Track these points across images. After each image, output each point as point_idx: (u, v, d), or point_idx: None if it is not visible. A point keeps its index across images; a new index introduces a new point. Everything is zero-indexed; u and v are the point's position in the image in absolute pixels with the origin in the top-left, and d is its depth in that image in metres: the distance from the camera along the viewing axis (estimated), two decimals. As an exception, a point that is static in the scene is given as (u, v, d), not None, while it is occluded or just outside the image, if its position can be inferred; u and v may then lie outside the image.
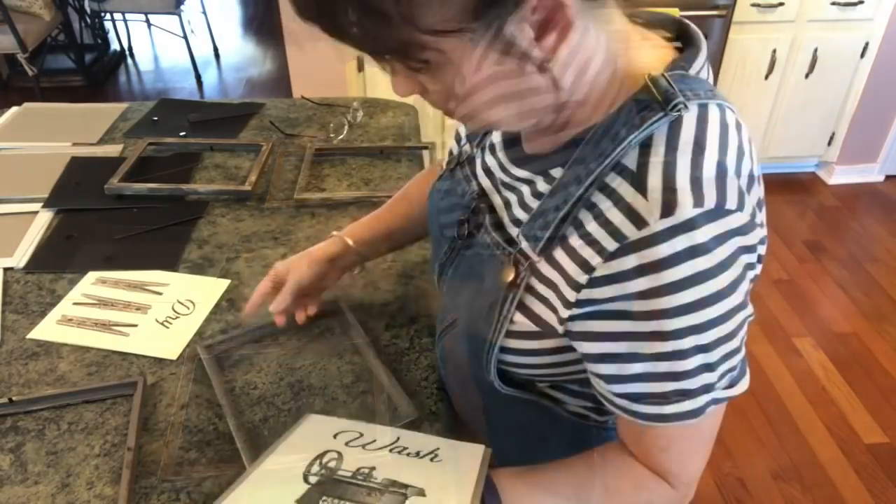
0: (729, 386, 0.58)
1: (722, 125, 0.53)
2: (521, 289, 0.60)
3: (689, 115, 0.52)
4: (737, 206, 0.51)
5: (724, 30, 2.64)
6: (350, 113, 1.54)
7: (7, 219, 1.23)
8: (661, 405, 0.56)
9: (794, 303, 2.48)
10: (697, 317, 0.51)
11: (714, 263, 0.50)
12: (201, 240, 1.18)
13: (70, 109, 1.62)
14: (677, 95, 0.51)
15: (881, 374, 2.20)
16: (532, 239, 0.59)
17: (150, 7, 4.04)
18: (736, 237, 0.51)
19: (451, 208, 0.73)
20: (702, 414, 0.57)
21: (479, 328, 0.64)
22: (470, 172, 0.72)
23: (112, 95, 4.10)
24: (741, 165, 0.53)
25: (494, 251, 0.63)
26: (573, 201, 0.55)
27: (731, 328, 0.54)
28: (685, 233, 0.49)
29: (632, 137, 0.52)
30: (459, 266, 0.70)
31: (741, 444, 1.97)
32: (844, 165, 3.12)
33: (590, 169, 0.54)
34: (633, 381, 0.56)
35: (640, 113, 0.52)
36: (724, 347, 0.54)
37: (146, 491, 0.77)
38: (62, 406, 0.87)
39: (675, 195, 0.49)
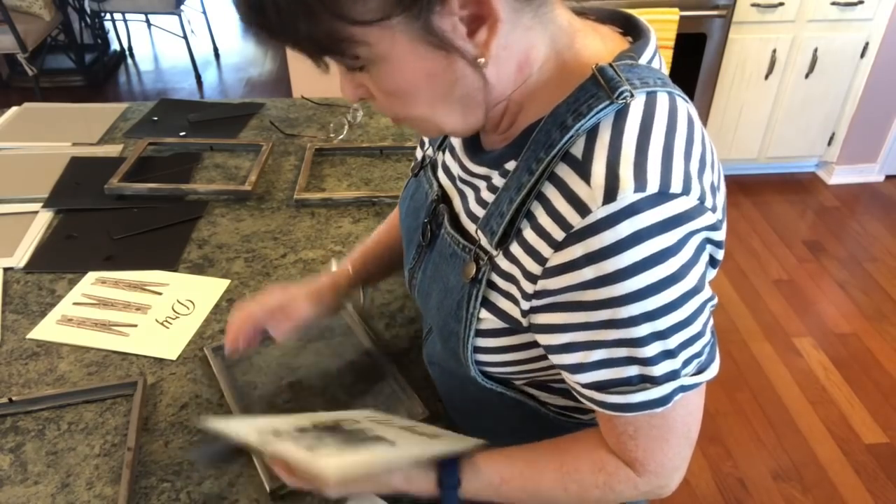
0: (697, 372, 0.58)
1: (671, 111, 0.54)
2: (482, 284, 0.60)
3: (637, 102, 0.53)
4: (682, 189, 0.50)
5: (724, 30, 2.64)
6: (350, 113, 1.54)
7: (7, 219, 1.23)
8: (626, 394, 0.56)
9: (794, 303, 2.48)
10: (649, 303, 0.51)
11: (660, 248, 0.50)
12: (201, 240, 1.18)
13: (70, 109, 1.62)
14: (623, 83, 0.52)
15: (881, 374, 2.20)
16: (489, 233, 0.59)
17: (150, 7, 4.04)
18: (683, 222, 0.51)
19: (415, 212, 0.73)
20: (669, 402, 0.57)
21: (451, 327, 0.65)
22: (432, 175, 0.73)
23: (112, 95, 4.10)
24: (690, 150, 0.53)
25: (455, 249, 0.64)
26: (525, 193, 0.55)
27: (687, 314, 0.53)
28: (627, 218, 0.49)
29: (578, 126, 0.52)
30: (426, 269, 0.70)
31: (741, 444, 1.97)
32: (844, 165, 3.12)
33: (539, 159, 0.54)
34: (595, 368, 0.56)
35: (587, 101, 0.52)
36: (683, 334, 0.54)
37: (146, 491, 0.77)
38: (62, 406, 0.87)
39: (618, 181, 0.49)
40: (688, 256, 0.52)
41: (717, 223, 0.54)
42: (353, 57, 0.51)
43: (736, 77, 2.82)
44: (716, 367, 0.59)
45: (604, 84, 0.52)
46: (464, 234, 0.64)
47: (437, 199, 0.69)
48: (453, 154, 0.69)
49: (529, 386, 0.71)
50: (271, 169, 1.37)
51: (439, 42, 0.50)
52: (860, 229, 2.87)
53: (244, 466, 0.79)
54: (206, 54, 4.54)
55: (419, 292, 0.73)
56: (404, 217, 0.78)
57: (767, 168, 3.21)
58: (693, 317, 0.54)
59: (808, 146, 3.06)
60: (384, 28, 0.49)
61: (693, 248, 0.52)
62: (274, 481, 0.76)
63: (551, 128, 0.54)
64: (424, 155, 0.77)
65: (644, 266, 0.50)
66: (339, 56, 0.52)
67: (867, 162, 3.13)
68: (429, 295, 0.70)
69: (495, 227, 0.58)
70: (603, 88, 0.52)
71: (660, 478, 0.63)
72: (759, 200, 3.05)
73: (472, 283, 0.61)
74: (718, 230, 0.54)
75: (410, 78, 0.53)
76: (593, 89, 0.53)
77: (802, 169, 3.25)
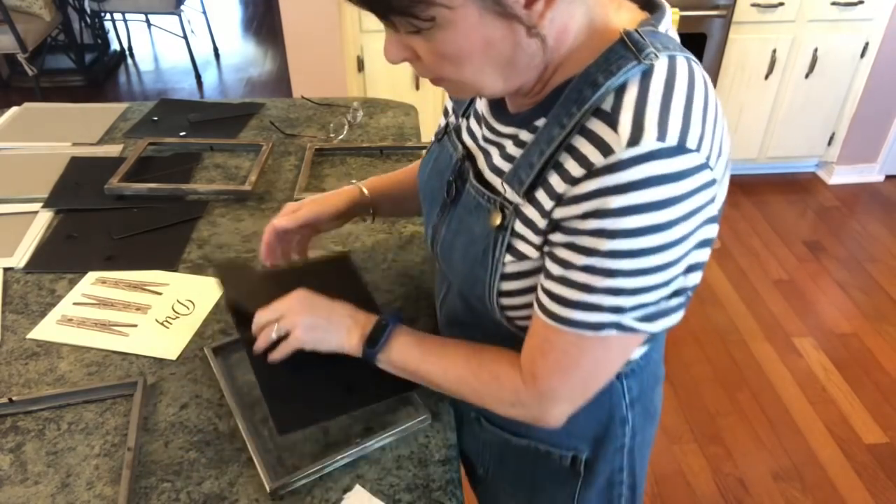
0: (643, 320, 0.61)
1: (690, 74, 0.59)
2: (507, 232, 0.65)
3: (660, 63, 0.58)
4: (696, 146, 0.56)
5: (724, 30, 2.64)
6: (350, 113, 1.54)
7: (7, 219, 1.23)
8: (570, 310, 0.61)
9: (794, 303, 2.48)
10: (635, 242, 0.56)
11: (665, 196, 0.55)
12: (201, 240, 1.18)
13: (70, 109, 1.62)
14: (648, 46, 0.57)
15: (881, 374, 2.20)
16: (516, 183, 0.64)
17: (150, 7, 4.04)
18: (689, 175, 0.55)
19: (439, 174, 0.78)
20: (600, 330, 0.61)
21: (477, 274, 0.70)
22: (456, 139, 0.77)
23: (112, 95, 4.10)
24: (706, 111, 0.58)
25: (480, 201, 0.69)
26: (556, 145, 0.60)
27: (660, 261, 0.57)
28: (646, 162, 0.54)
29: (609, 83, 0.57)
30: (451, 223, 0.74)
31: (741, 444, 1.97)
32: (844, 165, 3.12)
33: (571, 114, 0.59)
34: (557, 283, 0.61)
35: (616, 62, 0.58)
36: (648, 279, 0.58)
37: (146, 491, 0.77)
38: (62, 406, 0.87)
39: (642, 130, 0.54)
40: (684, 211, 0.56)
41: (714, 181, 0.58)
42: (428, 19, 0.55)
43: (736, 77, 2.82)
44: (662, 324, 0.62)
45: (631, 46, 0.57)
46: (488, 187, 0.68)
47: (462, 158, 0.74)
48: (477, 118, 0.74)
49: None
50: (271, 169, 1.37)
51: (503, 11, 0.55)
52: (860, 229, 2.87)
53: (244, 466, 0.79)
54: (206, 54, 4.54)
55: (442, 246, 0.77)
56: (426, 179, 0.81)
57: (767, 168, 3.21)
58: (664, 266, 0.58)
59: (808, 146, 3.06)
60: None
61: (692, 205, 0.56)
62: (274, 481, 0.76)
63: (583, 86, 0.59)
64: (448, 122, 0.82)
65: (643, 209, 0.55)
66: (413, 17, 0.55)
67: (867, 162, 3.13)
68: (452, 247, 0.74)
69: (523, 177, 0.63)
70: (631, 50, 0.57)
71: (543, 400, 0.68)
72: (759, 200, 3.05)
73: (497, 230, 0.66)
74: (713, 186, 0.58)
75: (471, 43, 0.57)
76: (622, 51, 0.58)
77: (802, 169, 3.25)
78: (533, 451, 0.84)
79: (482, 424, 0.88)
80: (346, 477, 0.79)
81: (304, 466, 0.78)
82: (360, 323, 0.79)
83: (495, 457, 0.90)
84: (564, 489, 0.86)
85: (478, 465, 0.94)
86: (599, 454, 0.82)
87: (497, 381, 0.71)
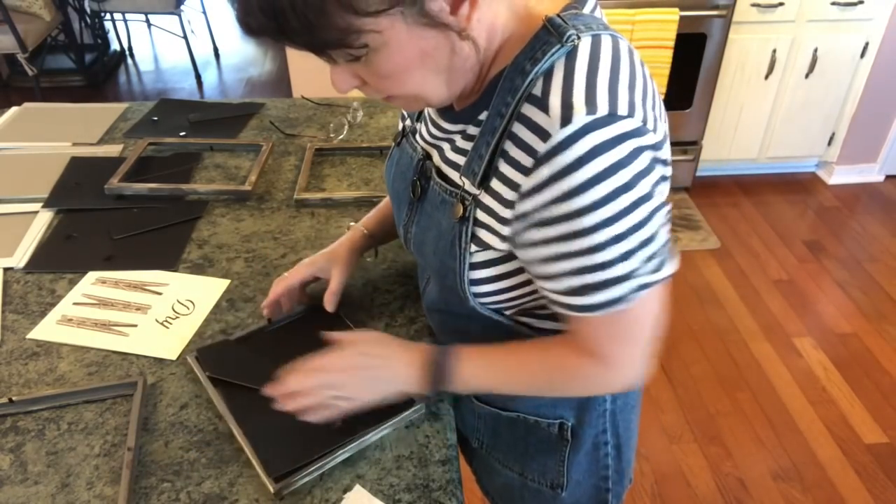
0: (655, 271, 0.64)
1: (614, 49, 0.61)
2: (469, 222, 0.68)
3: (584, 44, 0.60)
4: (628, 112, 0.58)
5: (724, 30, 2.64)
6: (350, 113, 1.54)
7: (7, 219, 1.23)
8: (591, 294, 0.64)
9: (794, 303, 2.48)
10: (608, 210, 0.59)
11: (613, 161, 0.57)
12: (201, 240, 1.18)
13: (70, 109, 1.62)
14: (570, 28, 0.60)
15: (881, 374, 2.20)
16: (470, 175, 0.67)
17: (150, 7, 4.04)
18: (631, 137, 0.58)
19: (402, 175, 0.81)
20: (630, 300, 0.64)
21: (448, 265, 0.73)
22: (414, 140, 0.80)
23: (112, 95, 4.10)
24: (634, 82, 0.60)
25: (444, 196, 0.72)
26: (499, 134, 0.63)
27: (641, 216, 0.60)
28: (583, 136, 0.57)
29: (537, 69, 0.60)
30: (420, 220, 0.77)
31: (741, 444, 1.97)
32: (844, 165, 3.12)
33: (507, 103, 0.62)
34: (565, 276, 0.64)
35: (541, 48, 0.61)
36: (638, 235, 0.61)
37: (146, 491, 0.77)
38: (62, 406, 0.87)
39: (572, 108, 0.57)
40: (638, 168, 0.59)
41: (659, 143, 0.61)
42: (362, 46, 0.57)
43: (736, 77, 2.82)
44: (671, 266, 0.66)
45: (553, 31, 0.60)
46: (448, 182, 0.72)
47: (422, 158, 0.77)
48: (428, 119, 0.77)
49: (520, 314, 0.78)
50: (271, 169, 1.37)
51: (432, 22, 0.57)
52: (860, 229, 2.87)
53: (244, 466, 0.79)
54: (206, 54, 4.54)
55: (415, 243, 0.80)
56: (392, 182, 0.84)
57: (767, 168, 3.21)
58: (646, 220, 0.61)
59: (808, 146, 3.06)
60: (389, 15, 0.55)
61: (644, 162, 0.60)
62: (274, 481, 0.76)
63: (514, 75, 0.62)
64: (405, 126, 0.85)
65: (601, 178, 0.58)
66: (348, 48, 0.57)
67: (867, 162, 3.13)
68: (424, 242, 0.77)
69: (476, 169, 0.66)
70: (553, 35, 0.60)
71: (623, 370, 0.71)
72: (759, 200, 3.05)
73: (460, 221, 0.69)
74: (661, 149, 0.62)
75: (408, 58, 0.59)
76: (545, 37, 0.61)
77: (802, 169, 3.25)
78: (522, 421, 0.88)
79: (474, 401, 0.92)
80: (346, 477, 0.79)
81: (304, 465, 0.78)
82: (418, 364, 0.76)
83: (489, 430, 0.94)
84: (554, 455, 0.90)
85: (472, 438, 0.98)
86: (584, 420, 0.87)
87: (574, 376, 0.74)
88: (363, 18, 0.54)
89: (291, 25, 0.54)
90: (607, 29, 0.63)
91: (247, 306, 1.03)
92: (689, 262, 2.66)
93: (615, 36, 0.63)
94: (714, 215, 2.93)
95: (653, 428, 2.01)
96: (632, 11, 2.46)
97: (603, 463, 0.91)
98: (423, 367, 0.76)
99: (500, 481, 0.99)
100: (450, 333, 0.88)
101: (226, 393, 0.87)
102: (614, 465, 0.92)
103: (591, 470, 0.91)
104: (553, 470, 0.91)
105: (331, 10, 0.53)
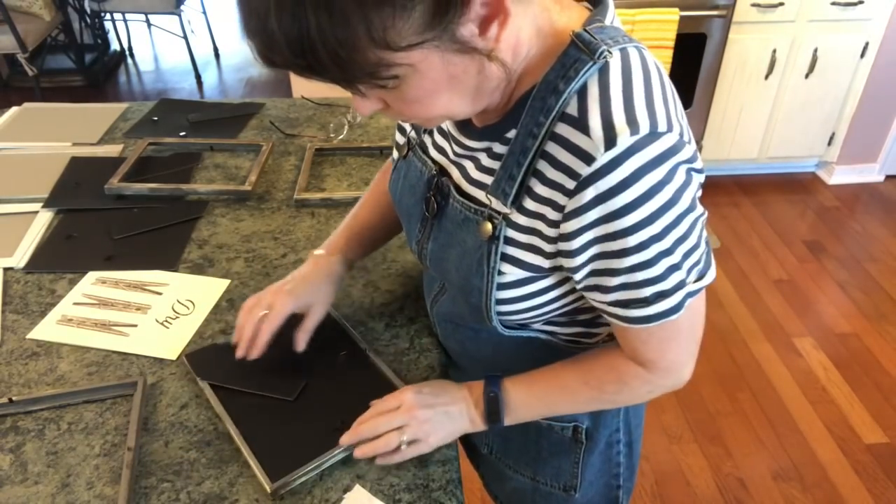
0: (698, 279, 0.66)
1: (643, 63, 0.61)
2: (500, 240, 0.67)
3: (614, 59, 0.59)
4: (667, 127, 0.58)
5: (724, 30, 2.64)
6: (350, 113, 1.54)
7: (7, 219, 1.23)
8: (644, 308, 0.64)
9: (794, 303, 2.48)
10: (655, 227, 0.59)
11: (658, 179, 0.57)
12: (201, 240, 1.18)
13: (70, 109, 1.62)
14: (601, 45, 0.58)
15: (881, 374, 2.20)
16: (501, 195, 0.66)
17: (150, 7, 4.04)
18: (672, 154, 0.58)
19: (411, 190, 0.79)
20: (681, 309, 0.65)
21: (474, 284, 0.72)
22: (423, 154, 0.78)
23: (112, 95, 4.10)
24: (665, 94, 0.60)
25: (467, 214, 0.70)
26: (532, 154, 0.62)
27: (685, 229, 0.61)
28: (628, 158, 0.56)
29: (570, 88, 0.59)
30: (438, 237, 0.76)
31: (741, 444, 1.97)
32: (844, 165, 3.12)
33: (540, 123, 0.61)
34: (616, 291, 0.64)
35: (573, 66, 0.59)
36: (684, 246, 0.62)
37: (146, 491, 0.77)
38: (62, 406, 0.87)
39: (614, 129, 0.56)
40: (679, 183, 0.59)
41: (694, 154, 0.61)
42: (392, 77, 0.55)
43: (736, 77, 2.82)
44: (713, 272, 0.68)
45: (583, 48, 0.59)
46: (472, 200, 0.70)
47: (435, 174, 0.75)
48: (443, 134, 0.75)
49: (545, 325, 0.78)
50: (271, 169, 1.37)
51: (463, 48, 0.55)
52: (860, 229, 2.87)
53: (244, 466, 0.79)
54: (206, 54, 4.54)
55: (433, 259, 0.78)
56: (400, 197, 0.83)
57: (767, 168, 3.21)
58: (690, 231, 0.62)
59: (808, 146, 3.06)
60: (422, 48, 0.53)
61: (683, 176, 0.59)
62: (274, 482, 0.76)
63: (546, 94, 0.61)
64: (409, 138, 0.82)
65: (646, 197, 0.57)
66: (379, 80, 0.55)
67: (867, 162, 3.13)
68: (444, 259, 0.76)
69: (508, 190, 0.65)
70: (584, 52, 0.59)
71: (671, 373, 0.73)
72: (759, 200, 3.05)
73: (490, 241, 0.68)
74: (697, 160, 0.62)
75: (437, 84, 0.57)
76: (576, 54, 0.59)
77: (802, 169, 3.25)
78: (535, 426, 0.88)
79: None
80: (346, 477, 0.79)
81: (302, 464, 0.78)
82: (472, 401, 0.80)
83: (499, 436, 0.94)
84: (568, 457, 0.90)
85: (481, 445, 0.98)
86: (598, 420, 0.87)
87: (626, 385, 0.74)
88: (396, 53, 0.52)
89: (321, 62, 0.52)
90: (631, 41, 0.62)
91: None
92: (689, 262, 2.65)
93: (639, 47, 0.62)
94: (714, 215, 2.93)
95: (653, 428, 2.01)
96: (632, 11, 2.46)
97: (615, 461, 0.91)
98: (479, 400, 0.80)
99: (511, 486, 0.98)
100: (460, 342, 0.88)
101: (224, 393, 0.87)
102: (626, 462, 0.92)
103: (603, 469, 0.91)
104: (567, 472, 0.91)
105: (363, 46, 0.51)
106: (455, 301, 0.81)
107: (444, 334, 0.91)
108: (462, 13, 0.52)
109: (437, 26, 0.52)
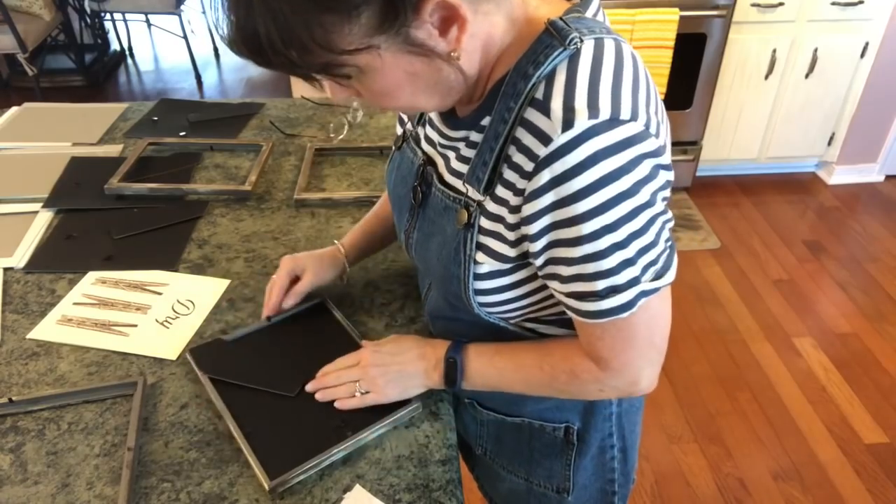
0: (655, 279, 0.64)
1: (617, 53, 0.60)
2: (475, 228, 0.68)
3: (586, 47, 0.60)
4: (630, 116, 0.57)
5: (724, 30, 2.64)
6: (350, 113, 1.54)
7: (7, 219, 1.23)
8: (596, 302, 0.64)
9: (794, 303, 2.48)
10: (608, 216, 0.58)
11: (616, 167, 0.57)
12: (201, 240, 1.18)
13: (70, 109, 1.62)
14: (572, 31, 0.59)
15: (881, 374, 2.20)
16: (475, 182, 0.67)
17: (150, 7, 4.04)
18: (633, 144, 0.57)
19: (403, 180, 0.81)
20: (633, 307, 0.64)
21: (452, 271, 0.72)
22: (415, 145, 0.80)
23: (112, 95, 4.10)
24: (637, 85, 0.60)
25: (448, 203, 0.72)
26: (502, 140, 0.63)
27: (641, 223, 0.60)
28: (584, 142, 0.56)
29: (539, 73, 0.60)
30: (422, 227, 0.77)
31: (741, 444, 1.97)
32: (844, 165, 3.12)
33: (510, 108, 0.62)
34: (571, 281, 0.64)
35: (543, 51, 0.60)
36: (639, 242, 0.61)
37: (146, 491, 0.77)
38: (62, 406, 0.87)
39: (574, 112, 0.56)
40: (641, 175, 0.58)
41: (660, 147, 0.60)
42: (344, 75, 0.59)
43: (736, 77, 2.82)
44: (672, 273, 0.66)
45: (556, 34, 0.59)
46: (452, 189, 0.72)
47: (423, 163, 0.77)
48: (432, 125, 0.76)
49: (525, 321, 0.78)
50: (271, 169, 1.37)
51: (418, 49, 0.57)
52: (860, 229, 2.87)
53: (244, 466, 0.79)
54: (206, 54, 4.54)
55: (416, 249, 0.80)
56: (393, 187, 0.84)
57: (767, 168, 3.21)
58: (647, 227, 0.60)
59: (808, 146, 3.06)
60: (370, 50, 0.56)
61: (646, 170, 0.58)
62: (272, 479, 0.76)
63: (516, 80, 0.61)
64: (405, 130, 0.84)
65: (601, 184, 0.57)
66: (332, 77, 0.59)
67: (867, 162, 3.13)
68: (427, 248, 0.77)
69: (481, 175, 0.66)
70: (556, 38, 0.59)
71: (622, 375, 0.71)
72: (759, 200, 3.05)
73: (465, 228, 0.69)
74: (663, 154, 0.61)
75: (396, 79, 0.60)
76: (547, 40, 0.60)
77: (802, 169, 3.25)
78: (527, 427, 0.89)
79: (477, 408, 0.92)
80: (346, 477, 0.79)
81: (301, 462, 0.78)
82: (433, 360, 0.83)
83: (492, 436, 0.94)
84: (560, 459, 0.90)
85: (475, 445, 0.98)
86: (589, 423, 0.87)
87: (577, 378, 0.74)
88: (341, 56, 0.56)
89: (273, 61, 0.56)
90: (610, 33, 0.62)
91: (247, 306, 1.03)
92: (689, 262, 2.66)
93: (618, 39, 0.62)
94: (714, 215, 2.93)
95: (653, 428, 2.01)
96: (632, 11, 2.46)
97: (609, 466, 0.91)
98: (438, 362, 0.82)
99: (505, 487, 0.99)
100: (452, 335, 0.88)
101: (225, 391, 0.87)
102: (620, 468, 0.92)
103: (597, 474, 0.91)
104: (559, 474, 0.91)
105: (312, 49, 0.54)
106: (440, 294, 0.83)
107: (436, 332, 0.92)
108: (414, 18, 0.54)
109: (387, 30, 0.54)
